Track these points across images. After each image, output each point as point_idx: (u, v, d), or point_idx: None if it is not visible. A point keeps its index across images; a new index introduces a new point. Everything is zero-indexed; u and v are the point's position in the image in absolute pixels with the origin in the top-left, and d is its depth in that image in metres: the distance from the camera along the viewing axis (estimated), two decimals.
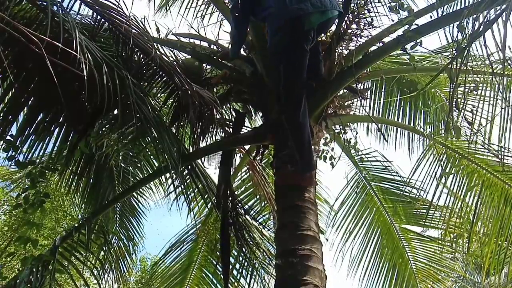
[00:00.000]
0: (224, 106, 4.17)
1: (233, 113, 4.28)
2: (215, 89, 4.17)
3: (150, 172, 5.17)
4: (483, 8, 2.36)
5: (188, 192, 4.53)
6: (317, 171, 5.08)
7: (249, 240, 4.47)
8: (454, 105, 2.97)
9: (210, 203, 4.62)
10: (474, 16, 2.39)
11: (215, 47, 4.34)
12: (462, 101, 3.59)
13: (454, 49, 2.63)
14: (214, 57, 4.19)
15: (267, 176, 5.00)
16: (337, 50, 3.89)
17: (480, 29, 2.37)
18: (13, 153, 3.18)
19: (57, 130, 3.45)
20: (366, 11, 3.91)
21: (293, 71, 3.03)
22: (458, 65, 2.55)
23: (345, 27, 3.82)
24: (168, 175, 4.75)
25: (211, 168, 4.71)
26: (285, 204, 3.26)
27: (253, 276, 4.71)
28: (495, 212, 4.36)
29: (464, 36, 2.56)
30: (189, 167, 4.07)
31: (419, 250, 5.37)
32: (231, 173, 4.44)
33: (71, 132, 3.48)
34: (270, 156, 4.61)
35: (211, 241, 5.35)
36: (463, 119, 3.79)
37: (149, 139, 3.74)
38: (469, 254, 5.39)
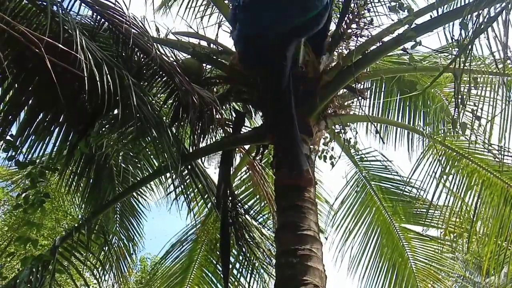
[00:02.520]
0: (224, 106, 4.17)
1: (233, 113, 4.28)
2: (215, 89, 4.17)
3: (150, 172, 5.17)
4: (484, 6, 2.36)
5: (188, 192, 4.53)
6: (317, 171, 5.07)
7: (249, 240, 4.47)
8: (460, 102, 2.95)
9: (210, 203, 4.62)
10: (476, 13, 2.39)
11: (215, 47, 4.33)
12: (465, 99, 3.58)
13: (456, 47, 2.62)
14: (214, 57, 4.19)
15: (267, 176, 5.00)
16: (336, 50, 3.89)
17: (482, 27, 2.37)
18: (13, 153, 3.19)
19: (57, 130, 3.46)
20: (366, 11, 3.91)
21: (269, 79, 3.07)
22: (462, 62, 2.54)
23: (345, 27, 3.82)
24: (168, 175, 4.76)
25: (211, 168, 4.71)
26: (285, 204, 3.26)
27: (253, 276, 4.71)
28: (495, 212, 4.36)
29: (466, 33, 2.55)
30: (189, 167, 4.08)
31: (419, 250, 5.37)
32: (231, 173, 4.44)
33: (71, 132, 3.48)
34: (270, 156, 4.61)
35: (211, 241, 5.35)
36: (464, 118, 3.78)
37: (149, 139, 3.74)
38: (469, 254, 5.38)
